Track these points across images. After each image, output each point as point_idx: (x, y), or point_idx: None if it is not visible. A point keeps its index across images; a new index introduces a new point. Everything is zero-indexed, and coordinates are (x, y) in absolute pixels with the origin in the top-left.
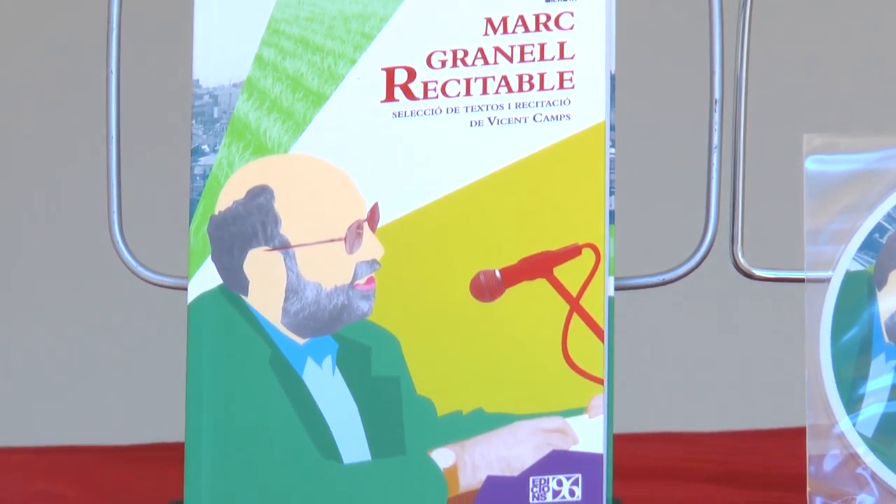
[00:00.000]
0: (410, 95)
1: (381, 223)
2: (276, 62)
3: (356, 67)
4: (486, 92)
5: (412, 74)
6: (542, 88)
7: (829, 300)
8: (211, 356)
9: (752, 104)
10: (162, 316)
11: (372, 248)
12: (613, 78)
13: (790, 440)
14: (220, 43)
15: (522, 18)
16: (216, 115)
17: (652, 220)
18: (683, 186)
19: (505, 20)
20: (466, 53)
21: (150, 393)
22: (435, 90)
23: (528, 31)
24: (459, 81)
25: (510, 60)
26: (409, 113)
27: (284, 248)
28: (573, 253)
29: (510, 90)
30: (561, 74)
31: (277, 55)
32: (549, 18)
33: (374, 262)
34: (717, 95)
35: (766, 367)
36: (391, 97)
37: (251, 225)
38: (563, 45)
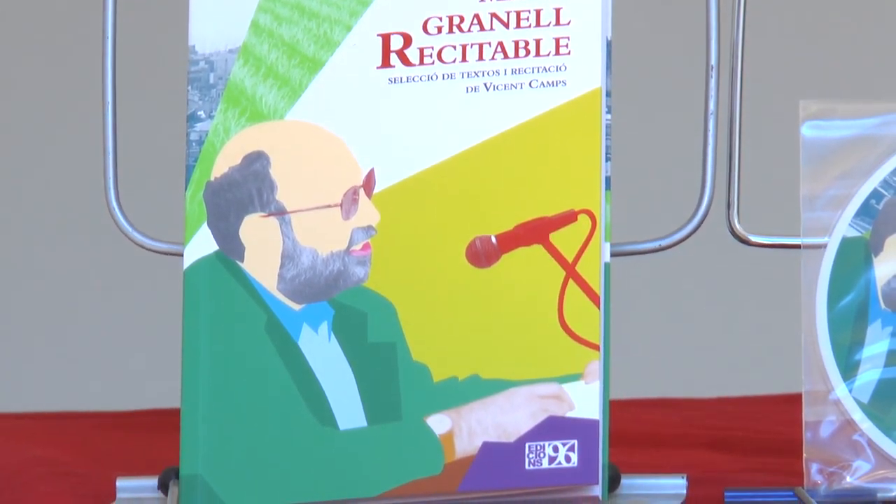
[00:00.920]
0: (406, 61)
1: (377, 189)
2: (272, 28)
3: (352, 34)
4: (482, 58)
5: (408, 40)
6: (538, 55)
7: (825, 266)
8: (207, 322)
9: (748, 70)
10: (158, 282)
11: (368, 214)
12: (610, 44)
13: (787, 406)
14: (216, 9)
15: None
16: (212, 81)
17: (648, 186)
18: (679, 153)
19: None
20: (462, 19)
21: (145, 359)
22: (431, 56)
23: None
24: (455, 47)
25: (506, 26)
26: (405, 79)
27: (280, 213)
28: (569, 219)
29: (506, 56)
30: (557, 40)
31: (273, 21)
32: None
33: (370, 228)
34: (713, 61)
35: (762, 333)
36: (387, 63)
37: (247, 191)
38: (559, 11)
